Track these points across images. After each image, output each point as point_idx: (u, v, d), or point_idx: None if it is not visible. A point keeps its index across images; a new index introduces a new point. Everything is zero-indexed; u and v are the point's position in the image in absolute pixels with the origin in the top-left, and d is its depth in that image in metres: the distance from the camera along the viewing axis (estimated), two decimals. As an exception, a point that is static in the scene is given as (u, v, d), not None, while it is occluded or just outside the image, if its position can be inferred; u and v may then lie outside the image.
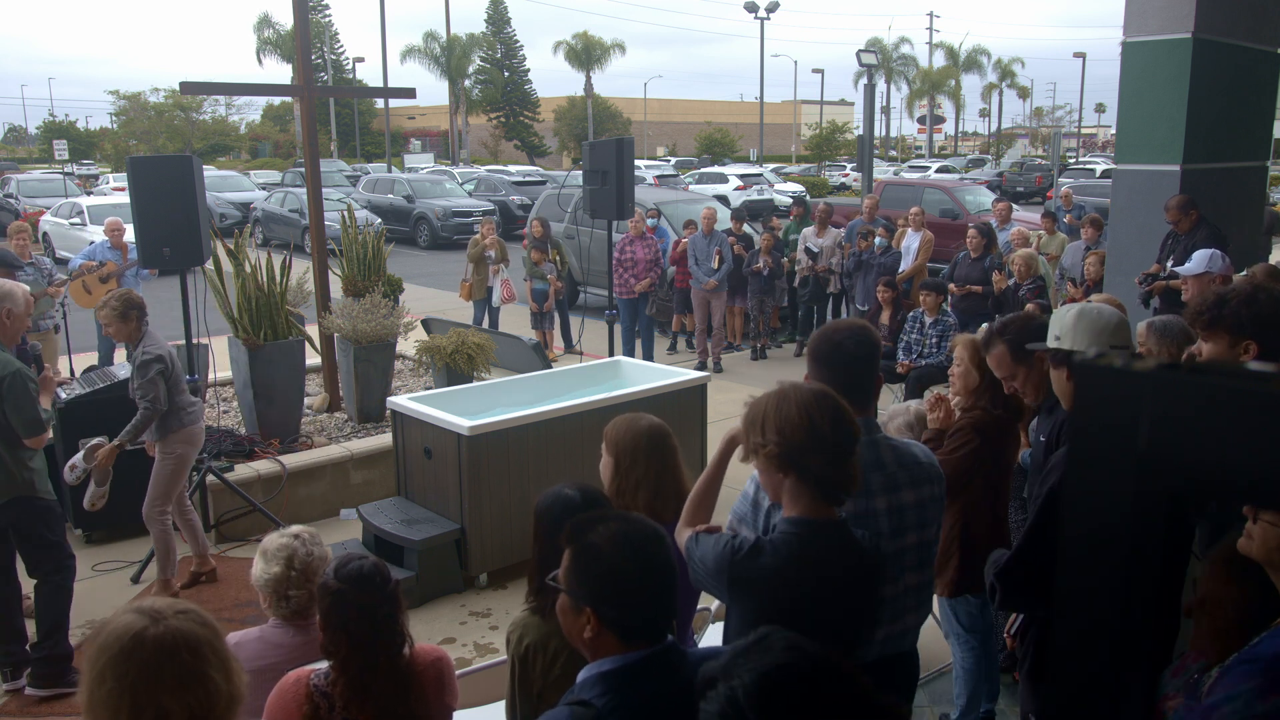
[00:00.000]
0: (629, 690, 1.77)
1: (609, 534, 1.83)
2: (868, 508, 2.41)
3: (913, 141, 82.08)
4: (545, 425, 5.47)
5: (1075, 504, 0.75)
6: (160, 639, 1.66)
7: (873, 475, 2.40)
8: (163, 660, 1.64)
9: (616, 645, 1.80)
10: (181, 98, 48.90)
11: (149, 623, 1.68)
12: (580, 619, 1.81)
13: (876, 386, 2.61)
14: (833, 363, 2.50)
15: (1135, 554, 0.72)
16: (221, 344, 7.21)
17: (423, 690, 2.41)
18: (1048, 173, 32.01)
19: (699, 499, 2.46)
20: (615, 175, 7.02)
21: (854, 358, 2.50)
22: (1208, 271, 4.96)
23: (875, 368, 2.59)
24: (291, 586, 2.63)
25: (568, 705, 1.79)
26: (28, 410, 4.12)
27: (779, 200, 26.94)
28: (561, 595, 1.86)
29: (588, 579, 1.81)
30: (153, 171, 5.73)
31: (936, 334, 7.69)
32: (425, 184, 25.37)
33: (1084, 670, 0.76)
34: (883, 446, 2.50)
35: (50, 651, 4.33)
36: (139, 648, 1.64)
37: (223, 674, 1.70)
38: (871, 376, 2.56)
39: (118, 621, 1.70)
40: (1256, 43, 7.58)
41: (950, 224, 16.35)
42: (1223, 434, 0.66)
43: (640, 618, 1.82)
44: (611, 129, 58.66)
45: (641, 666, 1.80)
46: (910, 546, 2.47)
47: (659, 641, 1.84)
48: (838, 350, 2.51)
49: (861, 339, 2.53)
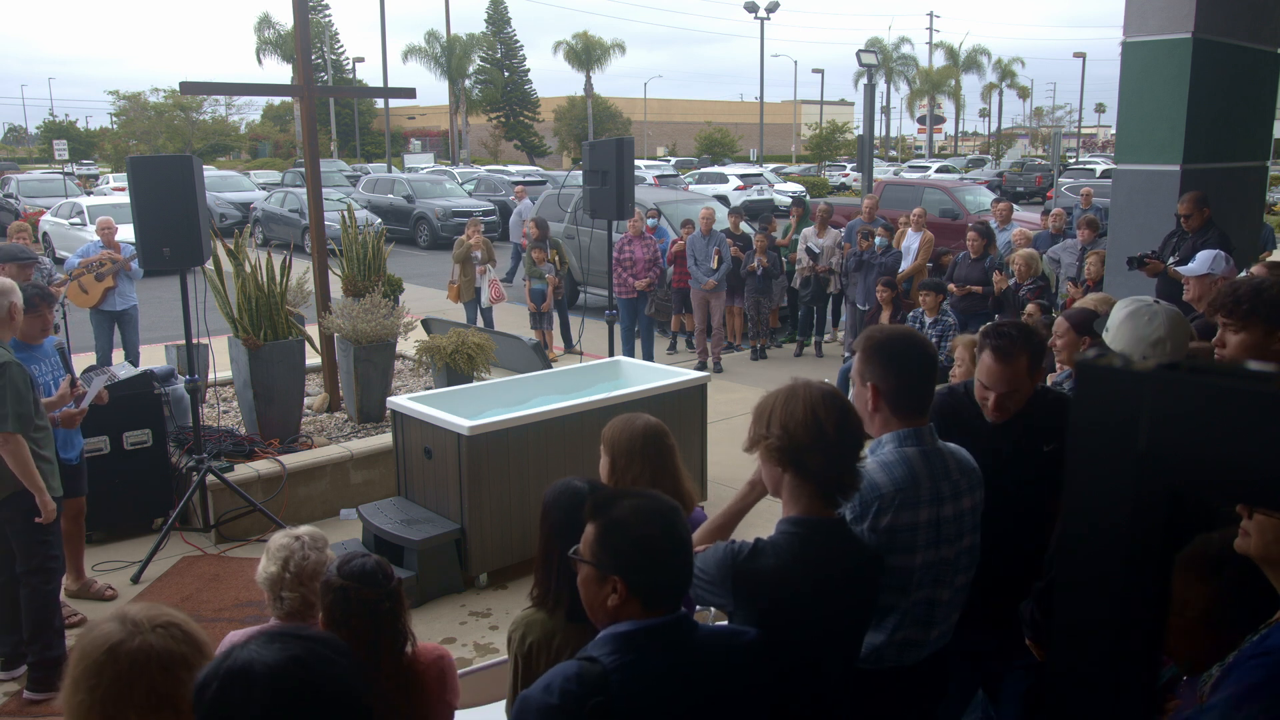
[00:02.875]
0: (639, 652, 1.81)
1: (632, 507, 1.89)
2: (939, 515, 2.41)
3: (913, 141, 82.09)
4: (545, 425, 5.47)
5: (1075, 504, 0.75)
6: (134, 654, 1.64)
7: (941, 484, 2.41)
8: (134, 677, 1.63)
9: (640, 612, 1.85)
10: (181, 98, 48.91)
11: (125, 635, 1.66)
12: (605, 588, 1.86)
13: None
14: (908, 369, 2.45)
15: (1135, 554, 0.72)
16: (221, 344, 7.21)
17: (424, 689, 2.42)
18: (1048, 173, 32.01)
19: (707, 536, 2.47)
20: (615, 175, 7.02)
21: (933, 365, 2.52)
22: (1210, 273, 4.95)
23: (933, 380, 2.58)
24: (285, 588, 2.63)
25: (577, 659, 1.83)
26: (13, 404, 4.02)
27: (779, 200, 26.95)
28: (584, 568, 1.90)
29: (616, 549, 1.86)
30: (153, 171, 5.72)
31: (936, 334, 7.69)
32: (425, 184, 25.35)
33: (1084, 670, 0.76)
34: (946, 454, 2.49)
35: (39, 656, 4.26)
36: (112, 662, 1.63)
37: None
38: (934, 386, 2.56)
39: (98, 630, 1.69)
40: (1256, 43, 7.58)
41: (950, 224, 16.35)
42: (1223, 434, 0.66)
43: (665, 582, 1.88)
44: (611, 129, 58.67)
45: (655, 631, 1.84)
46: (965, 549, 2.50)
47: (676, 610, 1.90)
48: (915, 356, 2.47)
49: (930, 348, 2.57)
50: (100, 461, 5.72)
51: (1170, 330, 3.10)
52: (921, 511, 2.36)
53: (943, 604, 2.46)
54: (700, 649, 1.90)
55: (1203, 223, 6.45)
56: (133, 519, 6.06)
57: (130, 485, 5.98)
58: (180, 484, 6.16)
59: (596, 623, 1.94)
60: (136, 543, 5.88)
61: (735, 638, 2.00)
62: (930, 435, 2.47)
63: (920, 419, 2.45)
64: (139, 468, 6.01)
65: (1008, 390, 2.82)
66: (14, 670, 4.47)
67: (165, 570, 5.59)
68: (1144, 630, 0.73)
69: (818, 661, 2.14)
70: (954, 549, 2.45)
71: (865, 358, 2.46)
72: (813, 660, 2.12)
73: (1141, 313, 3.12)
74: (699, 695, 1.85)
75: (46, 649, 4.26)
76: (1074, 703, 0.77)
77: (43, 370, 4.68)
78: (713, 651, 1.91)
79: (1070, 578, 0.76)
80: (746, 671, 1.94)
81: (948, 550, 2.43)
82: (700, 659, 1.88)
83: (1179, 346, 3.14)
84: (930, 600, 2.43)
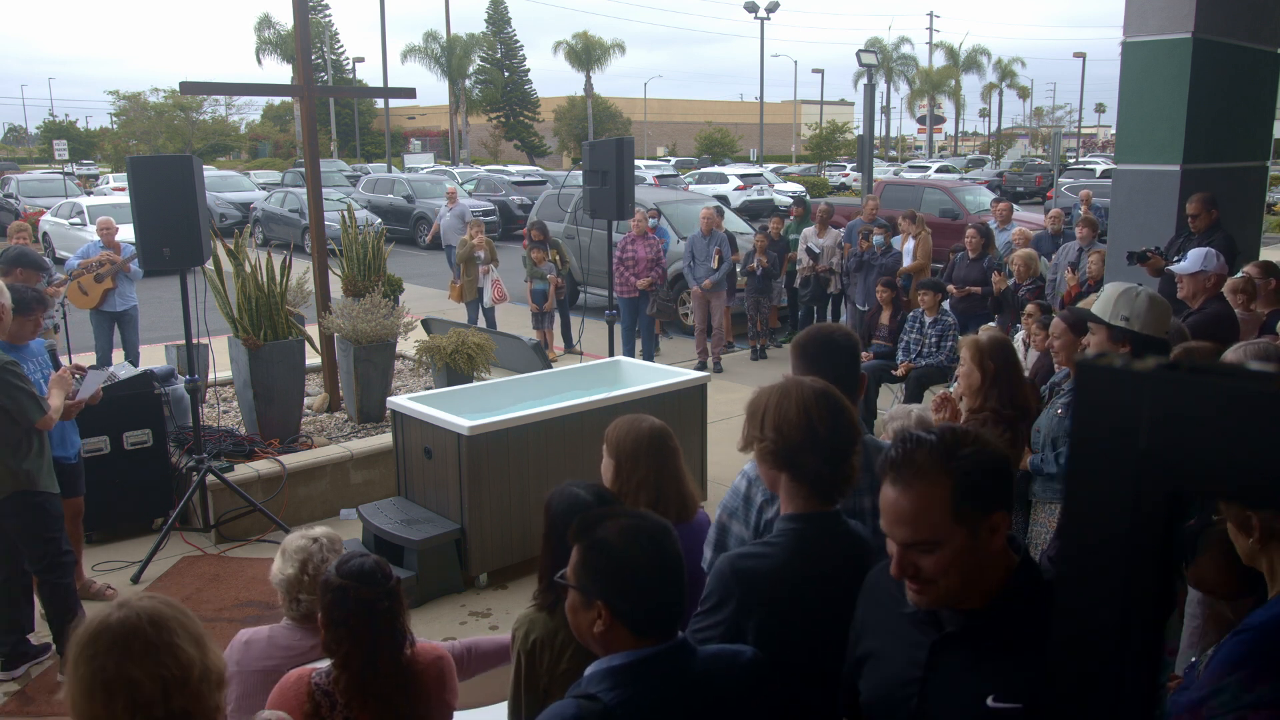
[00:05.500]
0: (638, 685, 1.75)
1: (618, 528, 1.82)
2: (856, 506, 2.45)
3: (913, 141, 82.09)
4: (545, 425, 5.47)
5: (1075, 504, 0.75)
6: (124, 619, 1.69)
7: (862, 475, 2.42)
8: (128, 636, 1.67)
9: (629, 640, 1.79)
10: (181, 98, 48.91)
11: (114, 609, 1.72)
12: (591, 614, 1.80)
13: (861, 384, 2.74)
14: (827, 359, 2.56)
15: (1135, 554, 0.72)
16: (221, 344, 7.21)
17: (424, 689, 2.41)
18: (1048, 173, 32.01)
19: None
20: (615, 175, 7.02)
21: (852, 355, 2.61)
22: (1202, 270, 4.99)
23: (859, 365, 2.70)
24: (303, 590, 2.64)
25: (574, 698, 1.77)
26: (19, 398, 4.14)
27: (779, 200, 26.96)
28: (571, 592, 1.84)
29: (599, 573, 1.80)
30: (153, 171, 5.72)
31: (936, 334, 7.68)
32: (425, 184, 25.35)
33: (1084, 671, 0.76)
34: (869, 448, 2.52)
35: None
36: (105, 630, 1.68)
37: (193, 645, 1.71)
38: (858, 373, 2.67)
39: (88, 616, 1.76)
40: (1256, 43, 7.58)
41: (950, 224, 16.35)
42: (1223, 434, 0.66)
43: (652, 609, 1.80)
44: (611, 129, 58.66)
45: (652, 662, 1.78)
46: None
47: (670, 637, 1.82)
48: (833, 347, 2.59)
49: (850, 335, 2.67)
50: (100, 461, 5.72)
51: (1149, 302, 3.42)
52: (865, 499, 2.42)
53: None
54: (701, 675, 1.84)
55: (1210, 224, 6.45)
56: (133, 519, 6.06)
57: (130, 485, 5.97)
58: (180, 484, 6.16)
59: (589, 648, 1.87)
60: (136, 543, 5.88)
61: (735, 658, 1.94)
62: None
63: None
64: (139, 468, 6.00)
65: (915, 540, 1.62)
66: (14, 670, 4.48)
67: (165, 570, 5.58)
68: (1144, 630, 0.73)
69: (819, 656, 2.14)
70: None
71: (797, 355, 2.63)
72: (814, 655, 2.13)
73: (1130, 289, 3.49)
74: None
75: None
76: (1074, 703, 0.77)
77: (31, 370, 4.70)
78: (714, 675, 1.86)
79: (1070, 578, 0.76)
80: (749, 693, 1.91)
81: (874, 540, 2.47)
82: (702, 686, 1.83)
83: (1157, 319, 3.42)
84: None
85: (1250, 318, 5.09)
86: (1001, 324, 8.28)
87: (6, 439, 4.18)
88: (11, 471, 4.21)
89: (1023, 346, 6.13)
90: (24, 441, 4.24)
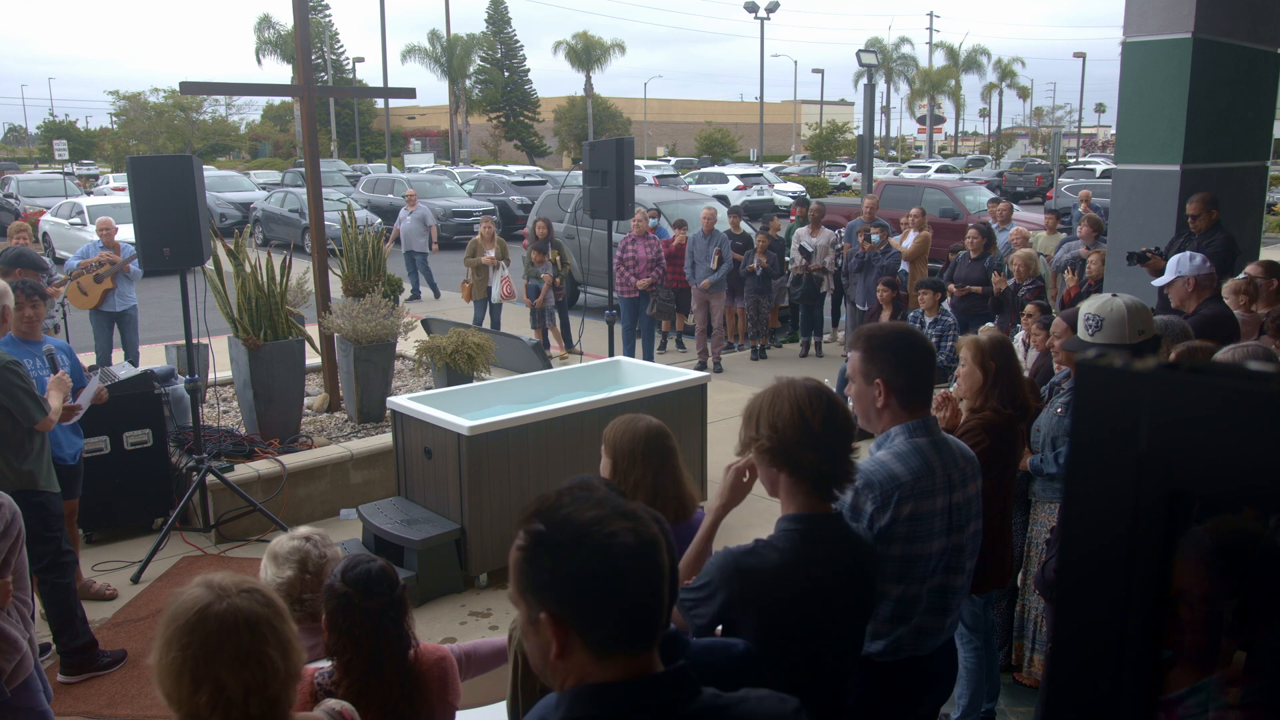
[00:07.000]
0: None
1: None
2: (944, 504, 2.49)
3: (913, 141, 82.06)
4: (545, 425, 5.47)
5: (1075, 504, 0.75)
6: (222, 616, 1.74)
7: (952, 471, 2.51)
8: (224, 636, 1.72)
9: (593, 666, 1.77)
10: (181, 98, 48.87)
11: (214, 598, 1.76)
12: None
13: None
14: (915, 363, 2.51)
15: (1135, 554, 0.72)
16: (221, 344, 7.21)
17: (426, 691, 2.41)
18: (1048, 173, 32.02)
19: (686, 570, 2.39)
20: (615, 175, 7.02)
21: (933, 357, 2.63)
22: (1180, 276, 5.01)
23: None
24: (306, 590, 2.62)
25: None
26: (20, 399, 4.17)
27: (779, 200, 26.96)
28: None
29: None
30: (153, 171, 5.72)
31: (935, 334, 7.68)
32: (425, 184, 25.35)
33: (1084, 671, 0.76)
34: (950, 442, 2.59)
35: (69, 645, 4.47)
36: (203, 622, 1.73)
37: (280, 653, 1.76)
38: (934, 378, 2.65)
39: (187, 595, 1.80)
40: (1256, 43, 7.57)
41: (950, 224, 16.34)
42: (1223, 434, 0.66)
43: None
44: (611, 129, 58.67)
45: None
46: (971, 535, 2.60)
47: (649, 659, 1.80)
48: (919, 350, 2.54)
49: (927, 341, 2.66)
50: (100, 461, 5.72)
51: (1129, 305, 3.53)
52: (938, 499, 2.46)
53: (956, 590, 2.56)
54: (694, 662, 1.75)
55: (1210, 224, 6.44)
56: (133, 519, 6.06)
57: (130, 485, 5.98)
58: (180, 484, 6.16)
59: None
60: (136, 543, 5.88)
61: (728, 650, 1.91)
62: (936, 425, 2.55)
63: (926, 410, 2.54)
64: (139, 468, 6.01)
65: None
66: None
67: (165, 570, 5.59)
68: (1144, 630, 0.73)
69: (820, 656, 2.15)
70: (964, 535, 2.55)
71: (870, 355, 2.49)
72: (815, 655, 2.13)
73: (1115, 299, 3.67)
74: None
75: (74, 638, 4.49)
76: (1075, 703, 0.77)
77: (34, 366, 4.72)
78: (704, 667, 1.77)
79: (1070, 578, 0.76)
80: (741, 683, 1.88)
81: (958, 536, 2.53)
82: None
83: (1136, 319, 3.52)
84: (944, 587, 2.52)
85: (1250, 318, 5.07)
86: (1001, 324, 8.29)
87: (9, 439, 4.20)
88: (15, 471, 4.24)
89: (1023, 346, 6.13)
90: (27, 442, 4.26)
